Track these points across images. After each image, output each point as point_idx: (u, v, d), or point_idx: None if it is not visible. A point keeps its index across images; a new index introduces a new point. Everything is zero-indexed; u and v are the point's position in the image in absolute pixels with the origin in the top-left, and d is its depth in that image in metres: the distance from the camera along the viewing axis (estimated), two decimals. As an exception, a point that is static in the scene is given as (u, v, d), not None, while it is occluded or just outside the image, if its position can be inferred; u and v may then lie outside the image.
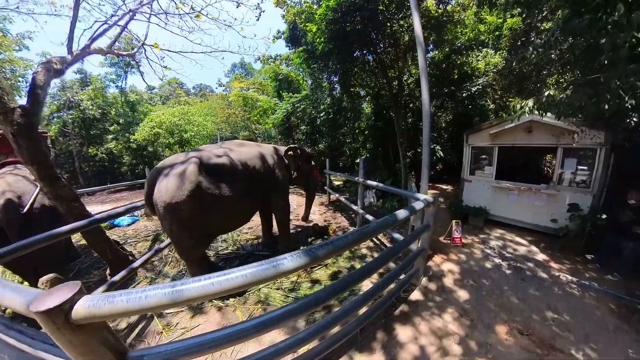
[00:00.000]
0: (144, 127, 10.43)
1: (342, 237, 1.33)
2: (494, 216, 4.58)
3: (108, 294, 0.83)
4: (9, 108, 2.08)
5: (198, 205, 2.20)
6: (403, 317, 2.32)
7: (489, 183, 4.55)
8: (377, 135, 8.15)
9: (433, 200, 2.40)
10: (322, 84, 7.20)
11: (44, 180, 2.41)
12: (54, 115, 11.28)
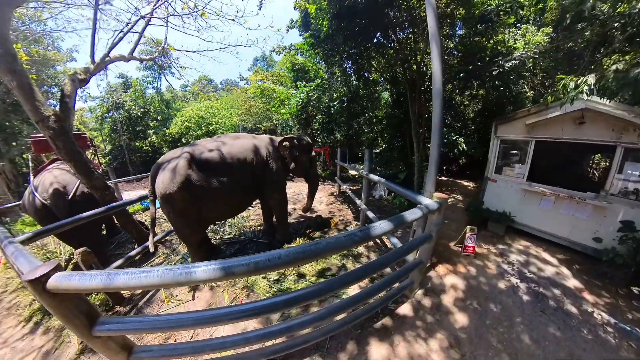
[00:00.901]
0: (176, 122, 11.63)
1: (277, 253, 1.15)
2: (519, 224, 3.91)
3: (70, 273, 1.10)
4: (45, 116, 2.48)
5: (189, 196, 2.42)
6: (382, 332, 2.09)
7: (518, 185, 3.86)
8: (394, 124, 7.55)
9: (437, 208, 2.01)
10: (334, 71, 6.82)
11: (81, 173, 2.92)
12: (106, 116, 13.26)
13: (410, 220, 1.80)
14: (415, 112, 5.40)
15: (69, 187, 3.07)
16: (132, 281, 1.04)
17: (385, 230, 1.56)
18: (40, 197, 2.85)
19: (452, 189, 7.19)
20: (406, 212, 1.82)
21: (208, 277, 1.02)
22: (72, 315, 1.16)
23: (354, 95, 8.02)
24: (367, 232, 1.47)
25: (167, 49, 4.39)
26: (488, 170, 4.32)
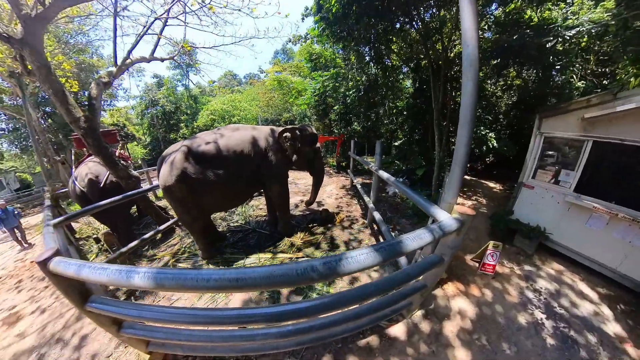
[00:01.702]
0: (203, 115, 12.66)
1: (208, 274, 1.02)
2: (554, 243, 3.25)
3: (64, 260, 1.28)
4: (77, 117, 2.89)
5: (187, 187, 2.56)
6: (365, 351, 1.87)
7: (561, 195, 3.17)
8: (415, 115, 6.87)
9: (456, 228, 1.42)
10: (350, 58, 6.33)
11: (108, 165, 3.41)
12: (145, 112, 15.11)
13: (412, 248, 1.24)
14: (438, 102, 4.76)
15: (100, 176, 3.61)
16: (92, 276, 1.18)
17: (363, 266, 1.09)
18: (79, 185, 3.44)
19: (475, 190, 6.29)
20: (407, 237, 1.26)
21: (142, 285, 1.06)
22: (68, 292, 1.38)
23: (372, 84, 7.44)
24: (333, 268, 1.03)
25: (184, 48, 4.60)
26: (524, 174, 3.60)
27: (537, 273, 2.92)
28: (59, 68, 4.82)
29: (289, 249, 3.33)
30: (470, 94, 1.50)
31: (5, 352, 2.25)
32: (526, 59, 4.01)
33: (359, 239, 3.62)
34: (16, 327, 2.57)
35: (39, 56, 2.38)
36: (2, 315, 2.80)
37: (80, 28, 5.31)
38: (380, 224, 3.17)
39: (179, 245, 3.66)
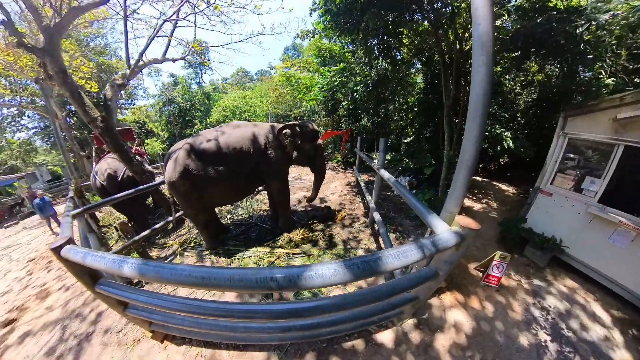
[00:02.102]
0: (215, 111, 13.15)
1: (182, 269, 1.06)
2: (569, 257, 2.96)
3: (72, 248, 1.45)
4: (94, 117, 3.14)
5: (189, 183, 2.70)
6: (349, 354, 1.84)
7: (583, 205, 2.85)
8: (426, 111, 6.58)
9: (455, 244, 1.22)
10: (357, 51, 6.18)
11: (124, 161, 3.68)
12: (162, 110, 15.94)
13: (392, 268, 1.05)
14: (450, 98, 4.49)
15: (118, 171, 3.93)
16: (93, 263, 1.32)
17: (328, 283, 0.96)
18: (99, 179, 3.77)
19: (486, 192, 5.92)
20: (389, 253, 1.06)
21: (129, 274, 1.16)
22: (79, 275, 1.56)
23: (381, 79, 7.20)
24: (293, 281, 0.95)
25: (194, 48, 4.78)
26: (542, 179, 3.29)
27: (547, 289, 2.66)
28: (78, 70, 5.24)
29: (287, 244, 3.40)
30: (481, 82, 1.21)
31: (38, 322, 2.63)
32: (551, 49, 3.56)
33: (358, 238, 3.58)
34: (46, 301, 2.95)
35: (56, 62, 2.63)
36: (35, 291, 3.21)
37: (98, 32, 5.75)
38: (379, 226, 3.06)
39: (187, 236, 3.91)
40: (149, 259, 3.31)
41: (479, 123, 1.29)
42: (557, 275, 2.89)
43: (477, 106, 1.28)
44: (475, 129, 1.31)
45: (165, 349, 2.05)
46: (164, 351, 2.04)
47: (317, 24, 5.18)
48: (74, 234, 1.89)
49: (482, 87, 1.25)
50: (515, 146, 5.00)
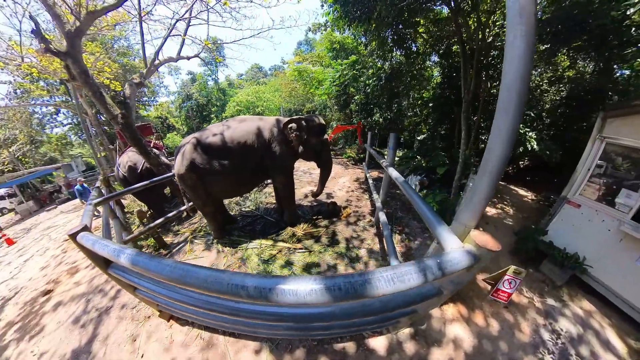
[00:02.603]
0: (230, 106, 13.61)
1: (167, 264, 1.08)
2: (592, 278, 2.66)
3: (86, 235, 1.59)
4: (115, 114, 3.41)
5: (196, 176, 2.79)
6: (338, 357, 1.83)
7: (615, 221, 2.54)
8: (441, 107, 6.19)
9: (468, 265, 0.98)
10: (371, 43, 5.93)
11: (142, 154, 3.97)
12: (182, 106, 16.80)
13: (382, 294, 0.87)
14: (469, 92, 4.14)
15: (138, 164, 4.26)
16: (99, 250, 1.47)
17: (301, 302, 0.86)
18: (121, 171, 4.12)
19: (502, 196, 5.47)
20: (381, 275, 0.88)
21: (124, 263, 1.26)
22: (93, 259, 1.72)
23: (395, 72, 6.89)
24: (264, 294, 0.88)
25: (207, 46, 4.95)
26: (569, 188, 2.96)
27: (561, 310, 2.41)
28: (102, 71, 5.70)
29: (289, 238, 3.43)
30: (518, 61, 0.91)
31: (67, 294, 3.00)
32: (592, 36, 3.07)
33: (362, 237, 3.50)
34: (75, 277, 3.35)
35: (78, 64, 2.89)
36: (67, 267, 3.66)
37: (120, 34, 6.17)
38: (384, 227, 2.87)
39: (198, 224, 4.15)
40: (163, 244, 3.59)
41: (512, 116, 0.97)
42: (573, 296, 2.61)
43: (510, 94, 0.96)
44: (505, 125, 0.99)
45: (171, 327, 2.25)
46: (169, 329, 2.24)
47: (327, 14, 5.04)
48: (92, 221, 2.11)
49: (519, 68, 0.92)
50: (539, 148, 4.55)
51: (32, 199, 12.05)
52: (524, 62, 0.93)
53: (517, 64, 0.94)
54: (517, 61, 0.94)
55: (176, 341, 2.14)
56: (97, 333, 2.37)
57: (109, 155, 10.86)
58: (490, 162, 1.11)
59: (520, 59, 0.93)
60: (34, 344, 2.45)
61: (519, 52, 0.93)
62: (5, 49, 4.87)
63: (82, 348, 2.26)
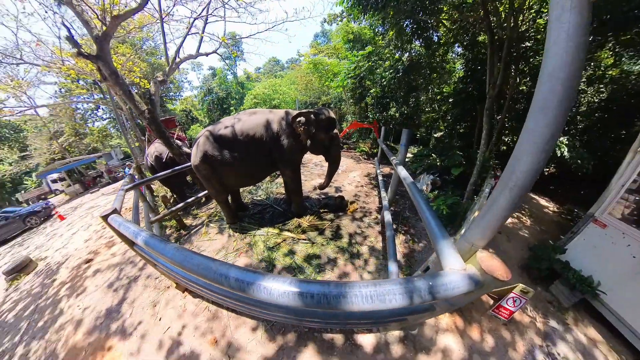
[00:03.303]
0: (247, 99, 14.01)
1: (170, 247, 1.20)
2: (603, 306, 2.44)
3: (114, 217, 1.84)
4: (142, 110, 3.78)
5: (208, 166, 2.96)
6: (327, 346, 1.91)
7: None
8: (462, 103, 5.78)
9: (467, 291, 0.86)
10: (388, 33, 5.68)
11: (166, 145, 4.37)
12: (204, 99, 17.76)
13: (357, 309, 0.82)
14: (494, 87, 3.78)
15: (163, 154, 4.70)
16: (123, 231, 1.71)
17: (274, 302, 0.89)
18: (149, 160, 4.60)
19: (520, 205, 5.06)
20: (360, 290, 0.82)
21: (140, 243, 1.48)
22: (122, 237, 2.00)
23: (413, 64, 6.54)
24: (242, 287, 0.92)
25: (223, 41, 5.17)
26: (599, 205, 2.66)
27: (563, 334, 2.26)
28: (132, 71, 6.26)
29: (295, 229, 3.57)
30: (567, 41, 0.67)
31: (104, 263, 3.52)
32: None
33: (366, 234, 3.50)
34: (111, 249, 3.91)
35: (108, 66, 3.24)
36: (105, 241, 4.26)
37: (147, 35, 6.70)
38: (387, 228, 2.79)
39: (214, 210, 4.49)
40: (183, 225, 4.00)
41: (553, 118, 0.72)
42: (579, 321, 2.44)
43: (551, 86, 0.71)
44: (541, 128, 0.75)
45: (185, 298, 2.57)
46: (183, 299, 2.56)
47: (341, 3, 4.85)
48: (122, 205, 2.43)
49: (567, 51, 0.67)
50: (570, 155, 4.07)
51: (79, 183, 13.88)
52: (575, 43, 0.66)
53: (564, 46, 0.68)
54: (564, 42, 0.68)
55: (188, 310, 2.46)
56: (126, 297, 2.80)
57: (141, 145, 11.99)
58: (515, 174, 0.84)
59: (570, 39, 0.66)
60: (79, 300, 2.97)
61: (568, 30, 0.67)
62: (50, 54, 5.57)
63: (113, 307, 2.70)
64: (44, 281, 3.75)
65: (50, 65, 5.72)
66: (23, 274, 4.15)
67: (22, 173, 18.91)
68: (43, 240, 6.22)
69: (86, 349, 2.33)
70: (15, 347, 2.65)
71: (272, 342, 2.05)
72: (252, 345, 2.06)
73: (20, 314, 3.16)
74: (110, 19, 3.05)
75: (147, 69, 10.72)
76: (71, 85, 12.35)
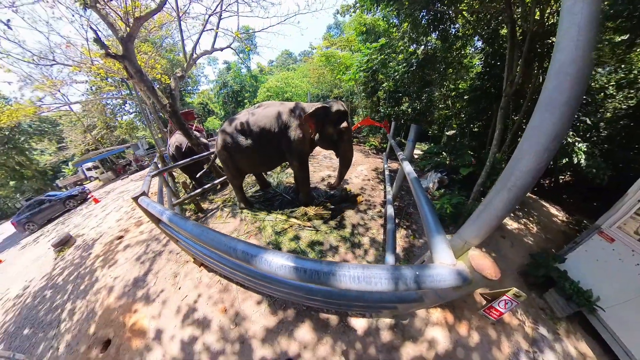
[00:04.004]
0: (260, 92, 14.34)
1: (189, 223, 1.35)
2: (600, 322, 2.37)
3: (144, 199, 2.10)
4: (164, 104, 4.11)
5: (227, 153, 3.32)
6: (322, 325, 2.04)
7: None
8: (477, 100, 5.50)
9: (455, 285, 0.85)
10: (402, 25, 5.52)
11: (185, 136, 4.73)
12: (219, 93, 18.40)
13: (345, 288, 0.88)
14: (511, 84, 3.55)
15: (183, 144, 5.09)
16: (151, 209, 1.96)
17: (273, 272, 0.96)
18: (171, 150, 5.01)
19: (529, 211, 4.81)
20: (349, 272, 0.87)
21: (165, 220, 1.69)
22: (149, 216, 2.28)
23: (428, 58, 6.27)
24: (247, 258, 1.02)
25: (236, 36, 5.37)
26: (607, 218, 2.52)
27: (551, 344, 2.22)
28: (154, 68, 6.70)
29: (301, 216, 3.74)
30: (578, 33, 0.64)
31: (133, 239, 3.99)
32: None
33: (368, 226, 3.58)
34: (139, 228, 4.40)
35: (133, 65, 3.55)
36: (134, 221, 4.77)
37: (166, 33, 7.10)
38: (389, 221, 2.81)
39: (228, 196, 4.83)
40: (201, 209, 4.38)
41: (559, 116, 0.68)
42: (571, 333, 2.38)
43: (560, 82, 0.68)
44: (546, 127, 0.71)
45: (201, 271, 2.89)
46: (199, 272, 2.88)
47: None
48: (149, 188, 2.73)
49: (577, 44, 0.64)
50: (587, 164, 3.80)
51: (110, 170, 15.31)
52: (586, 37, 0.63)
53: (575, 40, 0.64)
54: (575, 35, 0.64)
55: (203, 282, 2.77)
56: (151, 268, 3.20)
57: (164, 137, 12.88)
58: (514, 174, 0.79)
59: (582, 32, 0.63)
60: (112, 270, 3.44)
61: (579, 23, 0.63)
62: (80, 55, 6.09)
63: (140, 277, 3.11)
64: (82, 254, 4.35)
65: (81, 65, 6.32)
66: (67, 246, 4.83)
67: (60, 162, 21.13)
68: (80, 220, 7.06)
69: (117, 310, 2.74)
70: (65, 303, 3.20)
71: (274, 316, 2.26)
72: (256, 316, 2.31)
73: (66, 279, 3.75)
74: (133, 21, 3.33)
75: (166, 65, 11.41)
76: (101, 83, 13.43)
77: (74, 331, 2.72)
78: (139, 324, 2.50)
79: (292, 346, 1.99)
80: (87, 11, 3.47)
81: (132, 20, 3.38)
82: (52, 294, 3.56)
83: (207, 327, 2.29)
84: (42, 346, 2.70)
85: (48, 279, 4.05)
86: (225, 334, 2.20)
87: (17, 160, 16.47)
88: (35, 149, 19.20)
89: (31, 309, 3.43)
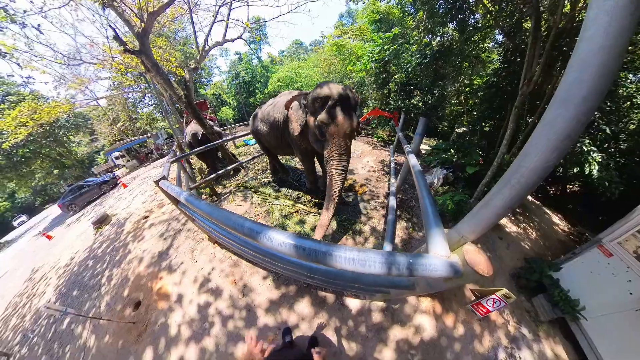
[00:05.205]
0: (271, 82, 14.44)
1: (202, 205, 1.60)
2: (580, 330, 2.42)
3: (164, 183, 2.37)
4: (179, 95, 4.41)
5: (256, 135, 4.00)
6: (320, 301, 2.19)
7: None
8: (492, 98, 5.23)
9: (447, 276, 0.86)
10: (418, 14, 5.26)
11: (200, 125, 5.03)
12: (231, 83, 18.79)
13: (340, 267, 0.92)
14: (529, 82, 3.29)
15: (198, 133, 5.44)
16: (170, 191, 2.22)
17: (275, 247, 1.01)
18: (187, 138, 5.38)
19: (530, 217, 4.65)
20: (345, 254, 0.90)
21: (183, 201, 1.91)
22: (169, 198, 2.53)
23: (443, 50, 5.89)
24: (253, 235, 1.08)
25: (247, 27, 5.48)
26: (610, 232, 2.47)
27: (530, 343, 2.33)
28: (169, 61, 7.02)
29: (307, 202, 3.93)
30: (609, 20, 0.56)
31: (157, 219, 4.47)
32: None
33: (370, 215, 3.63)
34: (162, 209, 4.91)
35: (149, 59, 3.81)
36: (157, 203, 5.30)
37: (179, 26, 7.35)
38: (389, 212, 2.79)
39: (240, 181, 5.18)
40: (215, 193, 4.76)
41: (575, 113, 0.63)
42: (550, 337, 2.47)
43: (581, 76, 0.61)
44: (560, 123, 0.65)
45: (215, 248, 3.25)
46: (214, 249, 3.24)
47: None
48: (169, 173, 3.03)
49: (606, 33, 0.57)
50: (598, 176, 3.56)
51: (135, 159, 16.58)
52: (619, 24, 0.54)
53: (604, 27, 0.55)
54: (605, 22, 0.55)
55: (216, 257, 3.12)
56: (172, 244, 3.64)
57: (181, 127, 13.62)
58: (520, 171, 0.75)
59: (614, 19, 0.54)
60: (140, 244, 3.95)
61: (613, 6, 0.54)
62: (102, 53, 6.52)
63: (163, 251, 3.56)
64: (117, 230, 4.98)
65: (104, 63, 6.78)
66: (104, 224, 5.52)
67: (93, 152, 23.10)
68: (113, 202, 7.91)
69: (146, 277, 3.20)
70: (104, 271, 3.78)
71: (277, 290, 2.51)
72: (261, 289, 2.60)
73: (104, 251, 4.37)
74: (147, 16, 3.56)
75: (180, 58, 11.88)
76: (121, 78, 14.28)
77: (111, 293, 3.25)
78: (163, 289, 2.92)
79: (292, 317, 2.22)
80: (106, 10, 3.71)
81: (146, 15, 3.61)
82: (94, 263, 4.19)
83: (219, 295, 2.65)
84: (88, 304, 3.28)
85: (90, 251, 4.74)
86: (234, 302, 2.54)
87: (58, 151, 18.43)
88: (72, 141, 21.23)
89: (77, 275, 4.10)
